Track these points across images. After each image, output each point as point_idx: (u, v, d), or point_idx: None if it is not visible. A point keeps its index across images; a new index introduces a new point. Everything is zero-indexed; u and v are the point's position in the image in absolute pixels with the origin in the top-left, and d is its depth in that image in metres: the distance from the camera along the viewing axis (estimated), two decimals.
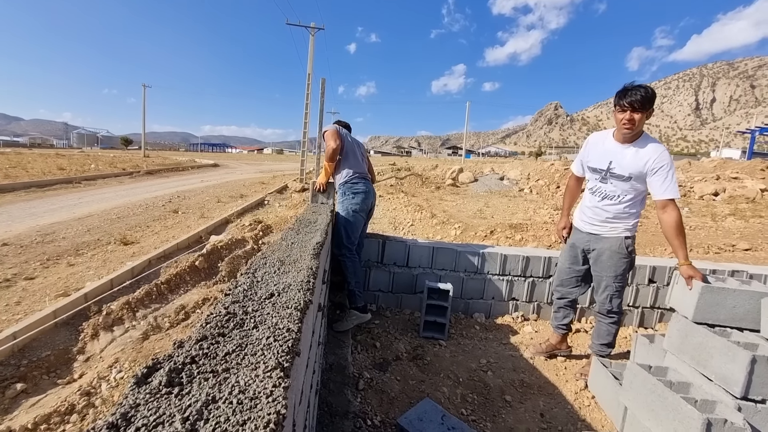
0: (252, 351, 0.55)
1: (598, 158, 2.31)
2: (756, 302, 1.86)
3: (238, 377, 0.48)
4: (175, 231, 7.50)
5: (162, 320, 4.00)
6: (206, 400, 0.43)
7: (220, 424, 0.39)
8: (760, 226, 10.39)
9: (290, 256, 1.07)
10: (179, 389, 0.45)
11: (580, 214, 2.49)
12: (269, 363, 0.52)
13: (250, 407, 0.42)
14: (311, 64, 15.85)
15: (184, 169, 23.69)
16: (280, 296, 0.77)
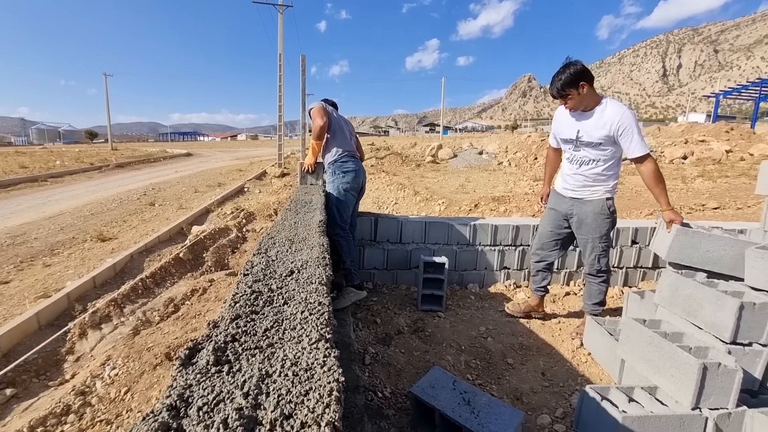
0: (290, 325, 0.53)
1: (567, 129, 2.42)
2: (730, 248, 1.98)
3: (285, 351, 0.46)
4: (154, 224, 7.27)
5: (151, 314, 3.91)
6: (260, 375, 0.41)
7: (282, 396, 0.37)
8: (727, 185, 10.87)
9: (297, 235, 1.05)
10: (228, 367, 0.43)
11: (561, 182, 2.58)
12: (312, 336, 0.50)
13: (308, 378, 0.41)
14: (281, 44, 15.31)
15: (155, 161, 22.83)
16: (301, 273, 0.75)
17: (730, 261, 1.97)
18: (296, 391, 0.38)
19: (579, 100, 2.23)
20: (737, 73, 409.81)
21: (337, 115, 2.95)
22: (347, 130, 2.90)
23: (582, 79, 2.19)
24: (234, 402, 0.36)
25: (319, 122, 2.68)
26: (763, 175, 2.05)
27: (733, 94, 32.66)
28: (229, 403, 0.36)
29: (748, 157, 15.32)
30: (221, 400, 0.36)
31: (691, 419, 1.38)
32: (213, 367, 0.42)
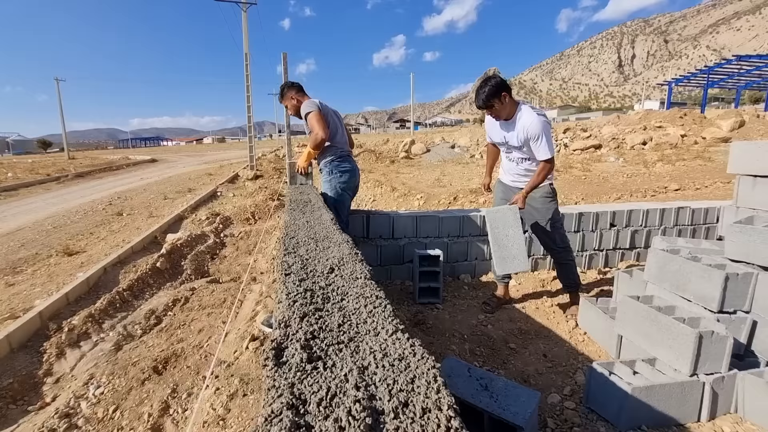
0: (360, 319, 0.53)
1: (496, 135, 2.69)
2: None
3: (368, 344, 0.46)
4: (125, 234, 6.96)
5: (133, 328, 3.75)
6: (359, 368, 0.40)
7: (390, 385, 0.37)
8: (685, 168, 11.53)
9: (317, 234, 1.03)
10: (323, 363, 0.42)
11: (507, 176, 2.81)
12: (387, 327, 0.50)
13: (405, 367, 0.40)
14: (247, 43, 14.93)
15: (118, 168, 21.79)
16: (341, 269, 0.75)
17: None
18: (402, 380, 0.38)
19: (501, 108, 2.46)
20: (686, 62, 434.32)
21: (332, 111, 2.88)
22: (341, 126, 2.86)
23: (503, 90, 2.43)
24: (348, 395, 0.36)
25: (321, 135, 2.59)
26: (734, 156, 2.19)
27: (684, 82, 34.60)
28: (345, 396, 0.35)
29: (701, 140, 16.29)
30: (335, 394, 0.36)
31: (691, 385, 1.47)
32: (308, 364, 0.41)
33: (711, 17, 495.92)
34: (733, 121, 17.18)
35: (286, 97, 2.93)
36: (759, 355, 1.71)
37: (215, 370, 2.98)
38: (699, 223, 3.77)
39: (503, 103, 2.45)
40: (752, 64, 28.82)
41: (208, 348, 3.38)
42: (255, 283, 4.85)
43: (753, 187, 2.09)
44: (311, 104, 2.74)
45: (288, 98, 2.92)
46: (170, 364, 3.17)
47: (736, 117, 17.63)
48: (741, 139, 16.05)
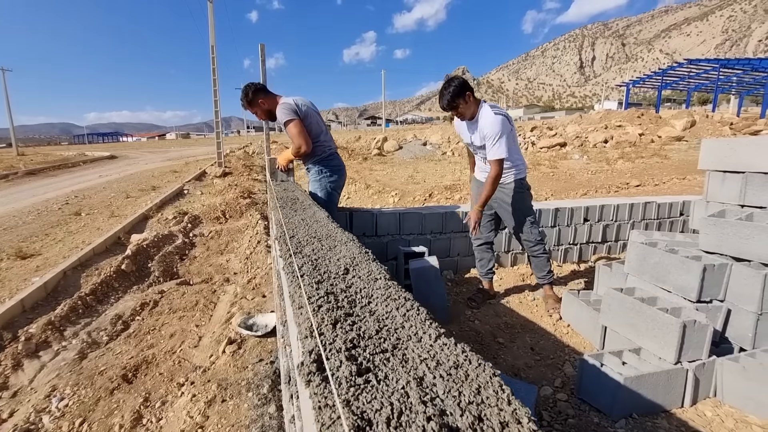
0: (398, 323, 0.49)
1: (464, 136, 2.76)
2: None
3: (416, 351, 0.42)
4: (84, 235, 6.54)
5: (98, 335, 3.53)
6: (415, 379, 0.36)
7: (456, 398, 0.33)
8: (644, 165, 12.16)
9: (317, 232, 0.98)
10: (374, 376, 0.38)
11: (480, 172, 2.85)
12: (430, 333, 0.46)
13: (464, 376, 0.37)
14: (213, 36, 14.38)
15: (74, 165, 20.48)
16: (356, 270, 0.70)
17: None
18: (467, 392, 0.35)
19: (465, 109, 2.51)
20: (641, 64, 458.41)
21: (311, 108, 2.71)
22: (323, 124, 2.74)
23: (466, 90, 2.48)
24: (416, 411, 0.32)
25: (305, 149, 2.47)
26: (704, 152, 2.30)
27: (640, 84, 36.52)
28: (413, 413, 0.31)
29: (657, 139, 17.23)
30: (401, 411, 0.32)
31: (676, 372, 1.53)
32: (358, 377, 0.37)
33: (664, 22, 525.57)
34: (685, 121, 18.30)
35: (255, 103, 2.69)
36: (733, 341, 1.80)
37: (190, 376, 2.85)
38: (664, 217, 3.97)
39: (467, 102, 2.49)
40: (701, 67, 30.83)
41: (181, 353, 3.22)
42: (228, 284, 4.68)
43: (722, 183, 2.21)
44: (288, 111, 2.53)
45: (257, 104, 2.68)
46: (141, 372, 3.00)
47: (688, 117, 18.77)
48: (693, 138, 17.12)
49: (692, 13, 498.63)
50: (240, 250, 5.86)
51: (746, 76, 30.42)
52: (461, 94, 2.47)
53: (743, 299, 1.73)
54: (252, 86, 2.70)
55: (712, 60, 28.92)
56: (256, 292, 4.16)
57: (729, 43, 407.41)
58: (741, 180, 2.09)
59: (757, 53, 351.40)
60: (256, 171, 14.43)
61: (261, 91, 2.65)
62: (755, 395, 1.50)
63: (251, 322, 3.34)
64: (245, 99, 2.67)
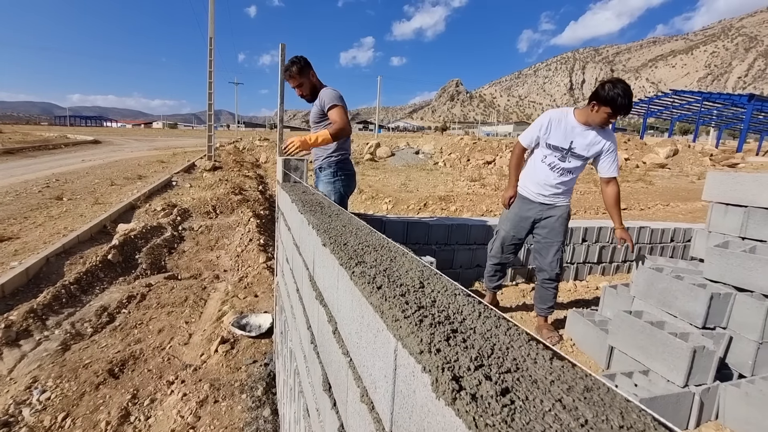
0: (506, 343, 0.48)
1: (560, 138, 2.43)
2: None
3: (539, 372, 0.42)
4: (66, 221, 6.32)
5: (82, 326, 3.40)
6: (557, 400, 0.37)
7: (606, 421, 0.33)
8: (630, 189, 12.51)
9: (368, 241, 0.96)
10: (516, 396, 0.37)
11: (534, 186, 2.55)
12: (542, 354, 0.46)
13: (601, 401, 0.37)
14: (212, 27, 14.22)
15: (55, 147, 19.82)
16: (431, 284, 0.69)
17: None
18: (614, 417, 0.35)
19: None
20: None
21: None
22: None
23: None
24: None
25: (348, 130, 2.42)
26: (709, 184, 2.39)
27: None
28: None
29: (642, 164, 17.77)
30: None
31: (684, 396, 1.57)
32: (502, 397, 0.37)
33: (651, 52, 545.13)
34: (669, 149, 18.95)
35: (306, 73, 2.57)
36: (733, 367, 1.87)
37: (181, 374, 2.77)
38: (656, 242, 4.09)
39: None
40: (684, 98, 32.08)
41: (171, 350, 3.13)
42: (219, 281, 4.59)
43: (725, 214, 2.29)
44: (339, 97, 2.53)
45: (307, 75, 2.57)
46: (128, 367, 2.90)
47: (671, 146, 19.44)
48: (675, 166, 17.73)
49: (678, 46, 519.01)
50: (231, 247, 5.76)
51: (726, 110, 31.76)
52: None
53: (745, 328, 1.79)
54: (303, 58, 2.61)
55: (696, 92, 30.15)
56: (248, 291, 4.08)
57: (711, 77, 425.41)
58: (743, 213, 2.17)
59: (736, 89, 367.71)
60: (246, 167, 14.24)
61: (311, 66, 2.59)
62: (756, 420, 1.55)
63: (244, 321, 3.28)
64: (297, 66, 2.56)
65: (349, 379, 0.73)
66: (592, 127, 2.35)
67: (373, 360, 0.62)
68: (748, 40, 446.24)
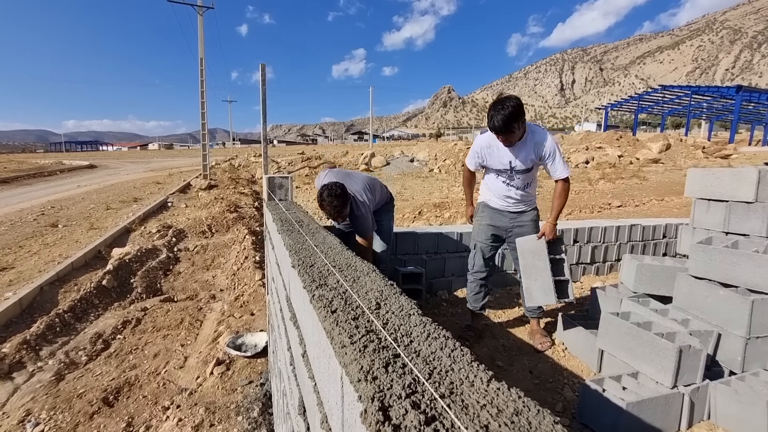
0: (447, 366, 0.49)
1: (497, 161, 2.42)
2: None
3: (473, 397, 0.42)
4: (61, 248, 6.31)
5: (76, 354, 3.39)
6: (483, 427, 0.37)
7: None
8: (624, 186, 12.55)
9: (336, 261, 0.97)
10: (441, 424, 0.38)
11: (498, 199, 2.53)
12: (481, 376, 0.47)
13: (528, 425, 0.38)
14: (202, 48, 14.37)
15: (51, 174, 19.87)
16: (388, 305, 0.70)
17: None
18: None
19: (518, 132, 2.22)
20: (618, 89, 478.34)
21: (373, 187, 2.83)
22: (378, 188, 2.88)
23: (521, 114, 2.18)
24: None
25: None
26: (690, 181, 2.41)
27: (618, 107, 38.07)
28: None
29: (635, 161, 17.87)
30: None
31: (673, 397, 1.56)
32: (426, 427, 0.37)
33: (639, 50, 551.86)
34: (661, 144, 19.06)
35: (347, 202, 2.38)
36: (723, 364, 1.86)
37: (176, 399, 2.75)
38: (648, 239, 4.10)
39: (520, 127, 2.20)
40: (674, 93, 32.40)
41: (166, 375, 3.11)
42: (215, 301, 4.57)
43: (707, 210, 2.31)
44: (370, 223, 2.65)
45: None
46: (123, 395, 2.88)
47: (663, 140, 19.57)
48: (668, 161, 17.83)
49: (665, 42, 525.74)
50: (227, 266, 5.75)
51: (716, 102, 32.06)
52: (519, 115, 2.15)
53: (732, 324, 1.79)
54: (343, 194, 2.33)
55: (684, 87, 30.46)
56: (244, 310, 4.07)
57: (699, 71, 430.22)
58: (725, 208, 2.19)
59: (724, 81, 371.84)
60: (242, 184, 14.28)
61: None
62: (748, 418, 1.55)
63: (240, 341, 3.26)
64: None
65: (314, 404, 0.73)
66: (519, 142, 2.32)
67: (329, 386, 0.63)
68: (732, 32, 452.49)
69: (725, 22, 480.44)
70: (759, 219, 2.10)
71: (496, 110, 2.15)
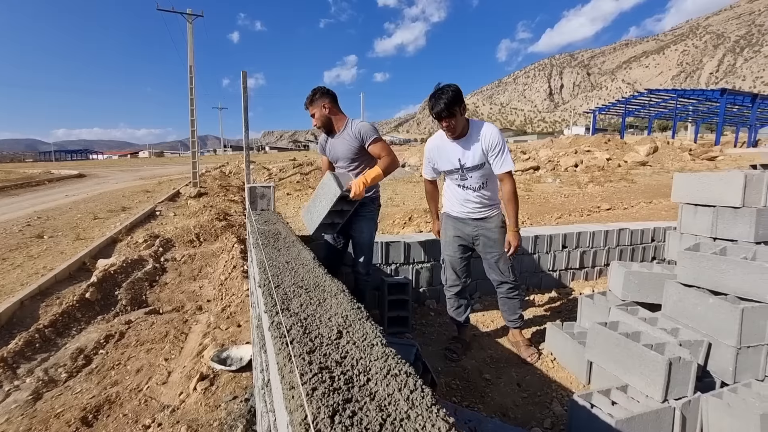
0: (403, 413, 0.44)
1: (447, 162, 2.38)
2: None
3: None
4: (46, 260, 6.17)
5: (56, 371, 3.28)
6: None
7: None
8: (613, 189, 12.66)
9: (305, 280, 0.92)
10: None
11: (459, 207, 2.47)
12: (439, 426, 0.42)
13: None
14: (192, 55, 14.29)
15: (39, 184, 19.54)
16: (350, 332, 0.65)
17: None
18: None
19: (460, 120, 2.21)
20: (605, 93, 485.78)
21: None
22: None
23: (461, 99, 2.19)
24: None
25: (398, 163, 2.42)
26: (676, 186, 2.40)
27: (605, 111, 38.58)
28: None
29: (624, 163, 18.06)
30: None
31: (664, 411, 1.52)
32: None
33: (625, 54, 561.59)
34: (648, 147, 19.31)
35: (317, 103, 2.53)
36: (714, 375, 1.83)
37: (158, 417, 2.66)
38: (637, 243, 4.10)
39: (462, 113, 2.21)
40: (660, 96, 32.96)
41: (148, 391, 3.01)
42: (201, 313, 4.47)
43: (695, 215, 2.29)
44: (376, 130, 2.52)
45: (318, 106, 2.52)
46: (103, 413, 2.78)
47: (651, 143, 19.83)
48: (656, 163, 18.04)
49: (650, 46, 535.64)
50: (214, 276, 5.65)
51: (701, 105, 32.64)
52: (459, 100, 2.15)
53: (722, 333, 1.76)
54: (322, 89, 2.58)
55: (670, 90, 31.02)
56: (230, 322, 3.98)
57: (684, 75, 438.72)
58: (712, 213, 2.18)
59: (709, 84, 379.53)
60: (232, 191, 14.15)
61: (328, 96, 2.54)
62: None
63: (225, 355, 3.17)
64: (309, 97, 2.57)
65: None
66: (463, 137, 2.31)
67: (283, 426, 0.57)
68: (715, 37, 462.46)
69: (708, 27, 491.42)
70: (746, 224, 2.08)
71: (437, 96, 2.17)
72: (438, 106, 2.15)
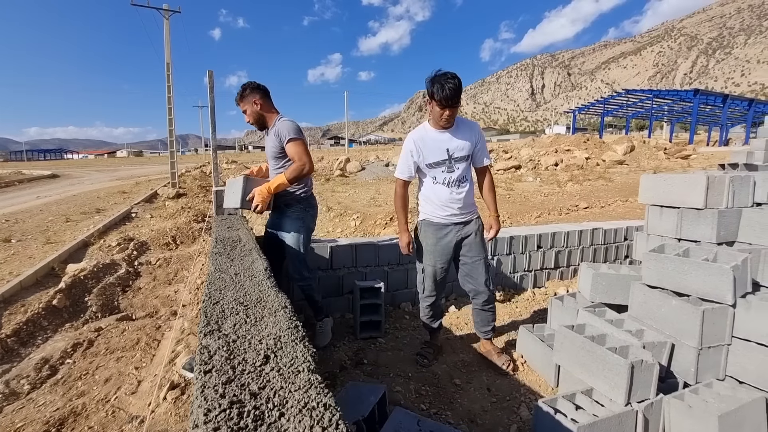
0: None
1: (435, 152, 2.27)
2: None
3: None
4: (12, 265, 5.93)
5: (18, 383, 3.14)
6: None
7: None
8: (591, 187, 12.92)
9: (247, 295, 0.88)
10: None
11: (441, 210, 2.33)
12: None
13: None
14: (169, 52, 13.93)
15: (8, 185, 18.78)
16: (278, 357, 0.62)
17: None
18: None
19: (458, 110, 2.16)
20: (585, 93, 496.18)
21: None
22: None
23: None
24: None
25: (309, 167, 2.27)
26: (642, 187, 2.44)
27: (585, 111, 39.39)
28: None
29: (602, 162, 18.45)
30: None
31: (626, 415, 1.54)
32: None
33: (604, 55, 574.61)
34: (625, 146, 19.78)
35: (247, 99, 2.43)
36: (678, 376, 1.87)
37: (125, 429, 2.57)
38: (610, 242, 4.17)
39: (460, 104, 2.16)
40: (637, 96, 33.84)
41: (116, 402, 2.91)
42: (176, 318, 4.36)
43: (660, 216, 2.34)
44: (296, 129, 2.36)
45: (249, 102, 2.42)
46: (67, 426, 2.67)
47: (628, 142, 20.32)
48: (633, 162, 18.50)
49: (628, 48, 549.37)
50: (191, 280, 5.52)
51: (676, 105, 33.62)
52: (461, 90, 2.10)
53: (685, 334, 1.80)
54: (252, 84, 2.49)
55: (646, 90, 31.90)
56: None
57: (659, 76, 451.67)
58: (677, 215, 2.22)
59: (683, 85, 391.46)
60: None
61: (259, 91, 2.43)
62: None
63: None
64: (239, 93, 2.48)
65: None
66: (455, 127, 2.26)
67: None
68: (689, 39, 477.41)
69: (683, 29, 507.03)
70: (708, 226, 2.14)
71: (446, 80, 2.06)
72: (449, 92, 2.04)
